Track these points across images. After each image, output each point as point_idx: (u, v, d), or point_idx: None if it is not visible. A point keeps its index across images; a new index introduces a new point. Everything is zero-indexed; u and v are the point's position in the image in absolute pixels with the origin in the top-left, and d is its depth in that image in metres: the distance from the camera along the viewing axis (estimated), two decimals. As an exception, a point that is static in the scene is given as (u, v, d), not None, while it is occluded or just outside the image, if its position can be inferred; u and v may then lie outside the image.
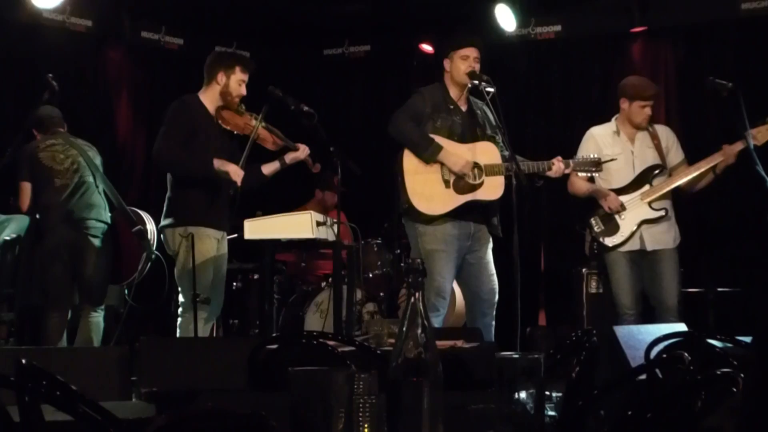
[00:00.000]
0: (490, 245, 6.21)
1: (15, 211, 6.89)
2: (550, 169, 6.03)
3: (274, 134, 6.17)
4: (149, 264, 6.83)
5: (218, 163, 5.90)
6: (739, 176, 6.66)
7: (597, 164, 6.23)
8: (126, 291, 7.11)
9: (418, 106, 6.10)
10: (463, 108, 6.18)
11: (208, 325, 6.21)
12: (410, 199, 6.01)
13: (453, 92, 6.16)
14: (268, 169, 6.26)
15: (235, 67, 6.12)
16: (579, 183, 6.76)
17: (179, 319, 6.03)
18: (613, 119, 6.78)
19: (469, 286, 6.25)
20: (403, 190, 6.03)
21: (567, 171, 6.14)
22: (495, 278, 6.18)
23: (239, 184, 5.90)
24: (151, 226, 6.83)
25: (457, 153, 5.98)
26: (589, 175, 6.48)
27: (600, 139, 6.73)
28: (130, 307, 7.10)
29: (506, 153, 5.98)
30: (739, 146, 6.37)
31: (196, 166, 5.94)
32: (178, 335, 6.03)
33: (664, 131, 6.80)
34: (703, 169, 6.53)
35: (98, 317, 6.88)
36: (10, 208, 7.04)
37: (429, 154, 5.95)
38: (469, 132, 6.12)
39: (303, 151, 6.20)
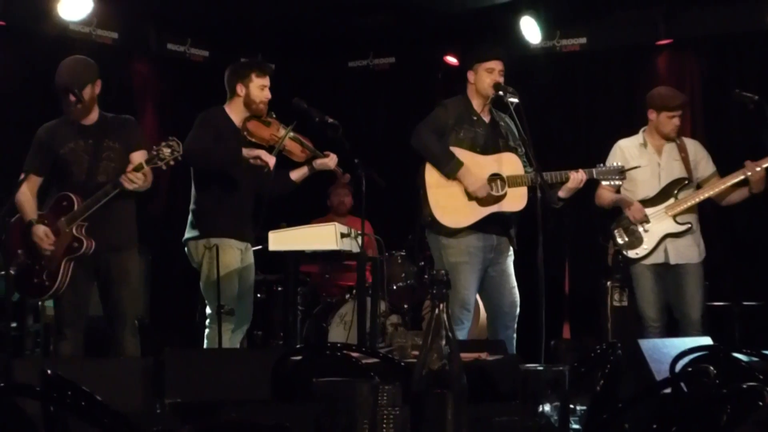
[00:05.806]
0: (512, 258, 6.19)
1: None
2: (567, 180, 5.97)
3: (302, 145, 6.16)
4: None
5: (246, 151, 5.94)
6: (765, 190, 6.61)
7: (621, 172, 6.16)
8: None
9: (441, 119, 6.10)
10: (486, 119, 6.17)
11: (237, 336, 6.19)
12: (433, 211, 6.01)
13: (476, 104, 6.15)
14: (297, 174, 6.26)
15: (249, 75, 6.11)
16: (605, 194, 6.73)
17: (206, 330, 6.04)
18: (641, 131, 6.77)
19: (491, 299, 6.24)
20: (426, 203, 6.03)
21: (587, 178, 6.03)
22: (516, 291, 6.16)
23: (271, 167, 5.91)
24: None
25: (475, 172, 5.95)
26: (614, 185, 6.44)
27: (627, 151, 6.70)
28: (156, 318, 7.05)
29: (530, 169, 5.97)
30: (763, 162, 6.36)
31: (225, 155, 5.97)
32: (205, 346, 6.04)
33: (692, 145, 6.77)
34: (726, 185, 6.50)
35: None
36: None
37: (449, 170, 5.95)
38: (492, 143, 6.11)
39: (332, 160, 6.19)
